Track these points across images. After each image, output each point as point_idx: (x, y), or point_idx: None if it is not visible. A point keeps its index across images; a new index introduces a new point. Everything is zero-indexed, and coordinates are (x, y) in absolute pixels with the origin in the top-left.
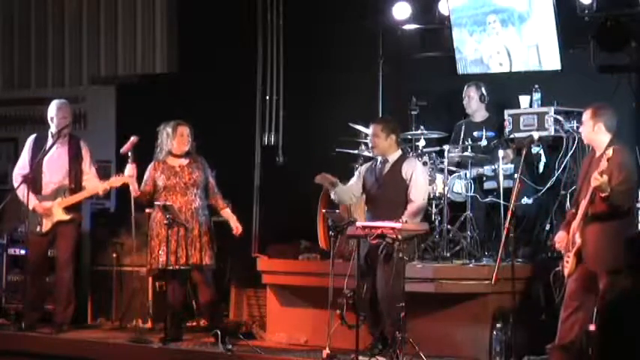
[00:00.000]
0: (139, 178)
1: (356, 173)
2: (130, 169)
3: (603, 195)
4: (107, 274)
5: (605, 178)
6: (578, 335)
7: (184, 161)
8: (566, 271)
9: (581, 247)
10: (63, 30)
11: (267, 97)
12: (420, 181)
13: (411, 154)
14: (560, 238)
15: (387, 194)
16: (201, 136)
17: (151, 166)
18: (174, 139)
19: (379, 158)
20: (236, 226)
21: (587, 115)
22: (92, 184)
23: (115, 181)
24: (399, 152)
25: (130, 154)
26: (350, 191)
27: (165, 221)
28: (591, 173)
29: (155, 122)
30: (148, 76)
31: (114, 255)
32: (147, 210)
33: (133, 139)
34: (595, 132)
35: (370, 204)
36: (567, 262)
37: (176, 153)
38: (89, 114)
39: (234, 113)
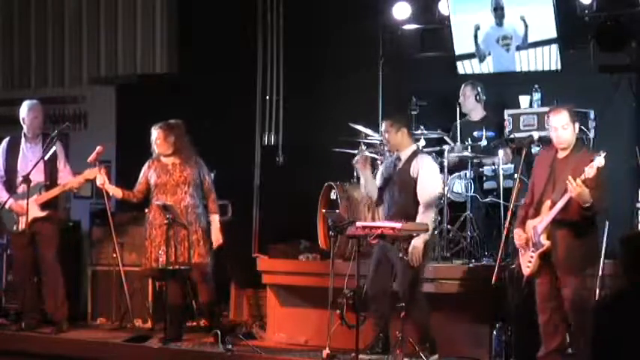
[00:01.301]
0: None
1: (377, 173)
2: (99, 178)
3: (586, 205)
4: (107, 274)
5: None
6: (564, 336)
7: (177, 160)
8: (527, 271)
9: (549, 250)
10: (63, 30)
11: (267, 97)
12: (426, 180)
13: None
14: (519, 236)
15: (396, 192)
16: (202, 136)
17: (145, 165)
18: (152, 142)
19: (395, 154)
20: (216, 238)
21: (566, 118)
22: (67, 179)
23: (90, 173)
24: (413, 148)
25: (97, 163)
26: (373, 190)
27: (165, 221)
28: (559, 175)
29: (155, 122)
30: (148, 76)
31: (114, 255)
32: (146, 210)
33: (98, 148)
34: (575, 134)
35: (382, 200)
36: (530, 262)
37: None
38: (89, 114)
39: (234, 113)
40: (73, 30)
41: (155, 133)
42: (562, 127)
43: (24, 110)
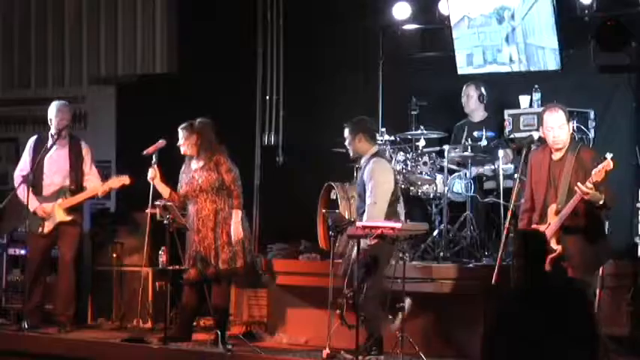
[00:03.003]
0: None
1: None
2: (151, 172)
3: (599, 204)
4: (107, 274)
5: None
6: None
7: (200, 164)
8: None
9: (560, 255)
10: (63, 30)
11: (267, 97)
12: (372, 184)
13: (386, 150)
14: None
15: (358, 197)
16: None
17: (182, 169)
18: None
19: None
20: (234, 233)
21: (563, 117)
22: (93, 184)
23: (114, 182)
24: (371, 152)
25: (154, 156)
26: None
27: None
28: (559, 177)
29: (155, 122)
30: (148, 76)
31: (114, 255)
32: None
33: (160, 142)
34: (570, 133)
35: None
36: None
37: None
38: (89, 114)
39: (235, 113)
40: (73, 30)
41: (179, 133)
42: (559, 127)
43: (52, 111)
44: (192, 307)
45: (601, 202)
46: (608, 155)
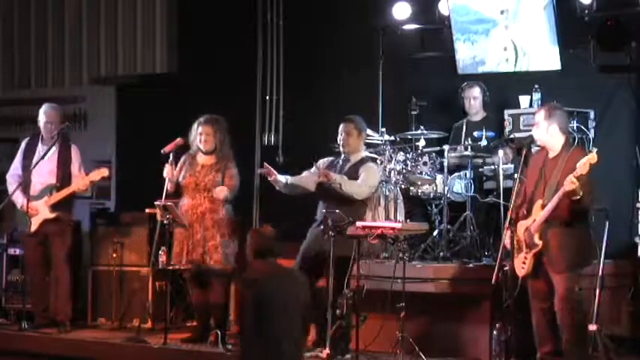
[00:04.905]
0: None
1: (314, 166)
2: (168, 170)
3: (575, 198)
4: (107, 274)
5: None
6: (556, 338)
7: (210, 160)
8: (522, 272)
9: (542, 250)
10: (63, 30)
11: (267, 97)
12: (368, 176)
13: (377, 156)
14: (508, 237)
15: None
16: None
17: (181, 160)
18: (195, 137)
19: (342, 156)
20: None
21: (540, 117)
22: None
23: (94, 175)
24: (363, 154)
25: (171, 155)
26: (304, 183)
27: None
28: (549, 175)
29: (155, 122)
30: (148, 76)
31: (114, 255)
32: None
33: (178, 140)
34: (549, 134)
35: (324, 197)
36: (524, 262)
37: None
38: (89, 114)
39: (234, 113)
40: (73, 30)
41: (202, 128)
42: (535, 125)
43: (40, 113)
44: (202, 303)
45: (578, 197)
46: (594, 149)
